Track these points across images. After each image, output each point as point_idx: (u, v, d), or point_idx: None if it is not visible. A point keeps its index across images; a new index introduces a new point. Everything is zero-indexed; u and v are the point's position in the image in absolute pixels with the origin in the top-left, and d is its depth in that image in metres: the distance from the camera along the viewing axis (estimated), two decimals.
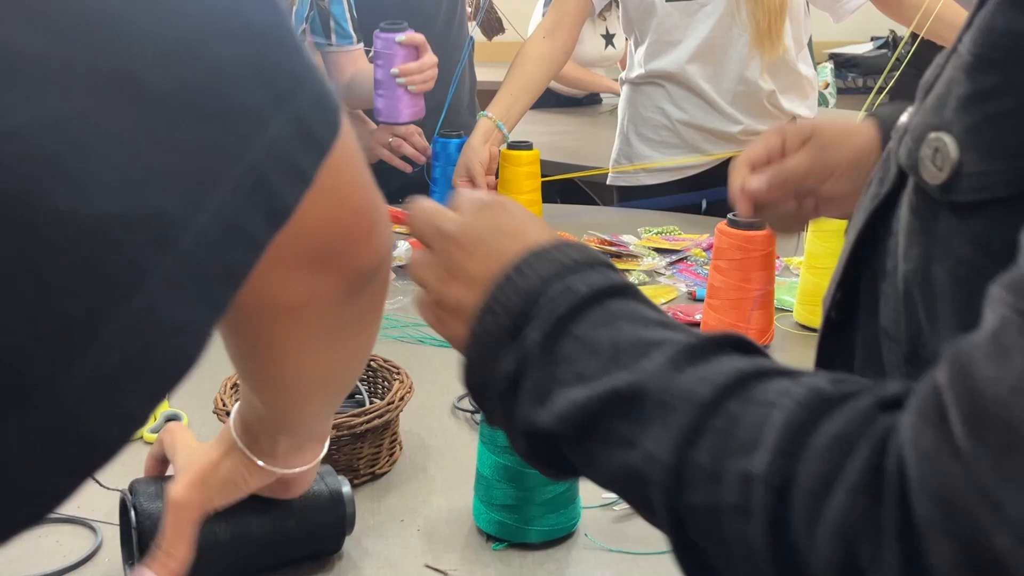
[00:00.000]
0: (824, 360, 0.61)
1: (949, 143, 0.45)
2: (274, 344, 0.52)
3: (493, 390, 0.55)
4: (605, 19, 3.16)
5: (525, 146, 1.93)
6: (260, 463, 0.69)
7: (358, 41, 1.98)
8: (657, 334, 0.51)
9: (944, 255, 0.46)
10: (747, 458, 0.43)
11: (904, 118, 0.53)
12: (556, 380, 0.52)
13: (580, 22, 2.05)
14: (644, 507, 0.49)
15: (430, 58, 1.80)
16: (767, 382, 0.46)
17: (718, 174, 2.06)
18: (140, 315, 0.37)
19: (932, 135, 0.46)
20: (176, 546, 0.67)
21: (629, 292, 0.55)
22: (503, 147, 1.94)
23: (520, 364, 0.53)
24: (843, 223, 1.34)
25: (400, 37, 1.76)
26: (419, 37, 1.78)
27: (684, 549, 0.47)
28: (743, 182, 0.89)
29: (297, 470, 0.72)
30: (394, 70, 1.76)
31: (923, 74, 0.52)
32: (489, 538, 0.92)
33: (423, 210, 0.62)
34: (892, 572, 0.38)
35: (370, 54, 1.89)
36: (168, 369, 0.39)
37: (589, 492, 0.96)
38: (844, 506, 0.39)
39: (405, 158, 2.01)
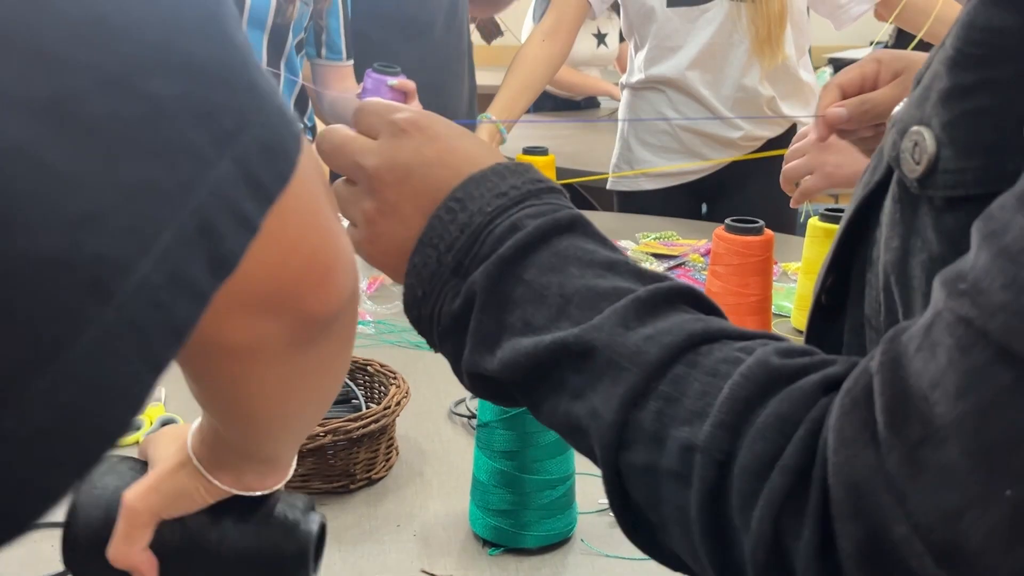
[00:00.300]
0: (812, 344, 0.62)
1: (927, 137, 0.45)
2: (224, 382, 0.49)
3: (438, 326, 0.54)
4: (595, 18, 3.15)
5: (540, 151, 1.93)
6: (215, 481, 0.65)
7: (349, 58, 1.99)
8: (607, 282, 0.50)
9: (920, 248, 0.47)
10: (690, 427, 0.44)
11: (897, 109, 0.53)
12: (504, 326, 0.51)
13: (578, 25, 2.06)
14: (587, 454, 0.50)
15: (416, 108, 1.82)
16: (716, 347, 0.46)
17: (718, 179, 2.07)
18: (73, 372, 0.33)
19: (913, 128, 0.46)
20: (120, 548, 0.65)
21: (576, 226, 0.53)
22: (519, 152, 1.95)
23: (466, 304, 0.52)
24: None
25: (392, 81, 1.75)
26: (410, 85, 1.75)
27: (621, 503, 0.47)
28: (827, 107, 0.91)
29: (257, 494, 0.68)
30: None
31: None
32: (485, 543, 0.91)
33: (335, 144, 0.58)
34: (809, 551, 0.38)
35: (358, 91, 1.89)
36: (98, 436, 0.35)
37: (586, 497, 0.96)
38: (778, 486, 0.40)
39: None
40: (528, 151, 1.93)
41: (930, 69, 0.48)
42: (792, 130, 2.07)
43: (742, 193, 2.05)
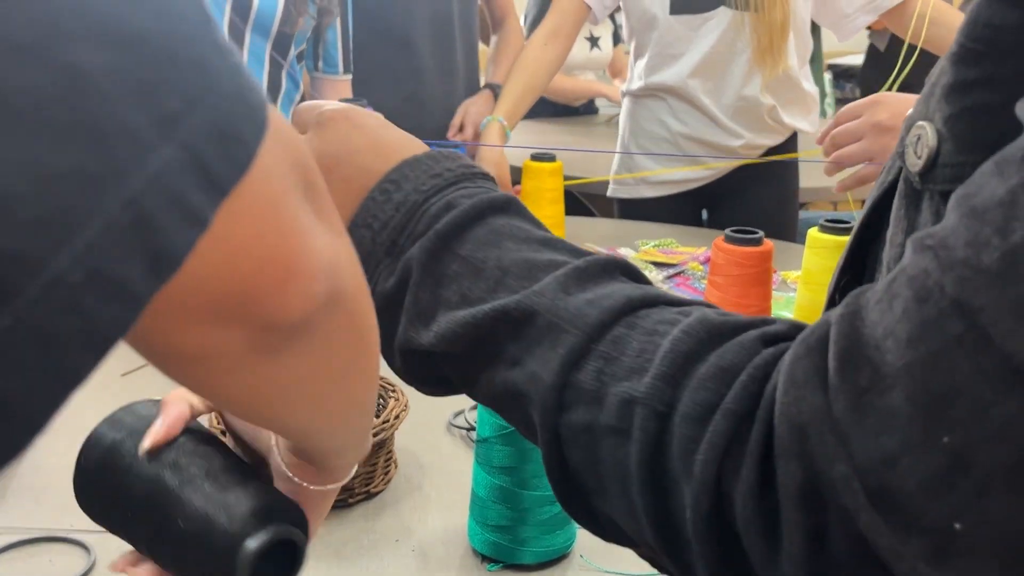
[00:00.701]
0: None
1: (929, 131, 0.46)
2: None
3: (373, 293, 0.53)
4: (596, 23, 3.14)
5: (548, 157, 1.93)
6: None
7: (346, 72, 2.00)
8: (544, 256, 0.51)
9: None
10: (630, 382, 0.44)
11: (912, 110, 0.54)
12: (440, 300, 0.51)
13: (578, 29, 2.07)
14: (524, 426, 0.49)
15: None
16: (655, 310, 0.47)
17: (719, 187, 2.07)
18: None
19: (917, 123, 0.47)
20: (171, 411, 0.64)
21: (512, 207, 0.53)
22: (527, 159, 1.96)
23: (400, 282, 0.52)
24: (842, 239, 1.34)
25: None
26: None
27: (558, 468, 0.47)
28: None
29: (312, 487, 0.64)
30: None
31: (923, 85, 0.53)
32: (484, 559, 0.91)
33: None
34: (748, 489, 0.39)
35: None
36: None
37: None
38: (719, 429, 0.40)
39: None
40: (536, 157, 1.94)
41: (937, 68, 0.49)
42: (793, 138, 2.07)
43: (743, 200, 2.06)
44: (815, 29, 2.11)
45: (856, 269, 0.58)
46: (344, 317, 0.44)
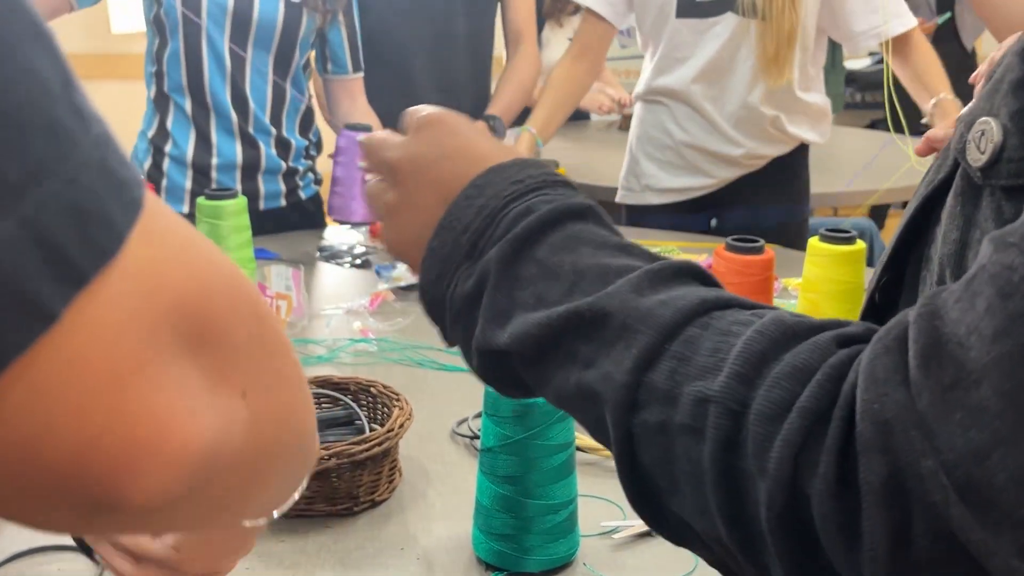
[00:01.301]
0: None
1: (994, 126, 0.47)
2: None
3: (450, 309, 0.55)
4: (562, 25, 3.13)
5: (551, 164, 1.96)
6: None
7: (356, 71, 2.01)
8: (619, 260, 0.51)
9: (978, 240, 0.48)
10: (704, 381, 0.44)
11: (964, 110, 0.55)
12: (516, 302, 0.52)
13: (605, 43, 2.11)
14: (596, 427, 0.50)
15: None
16: (729, 312, 0.47)
17: (724, 195, 2.07)
18: None
19: (981, 119, 0.48)
20: None
21: (590, 214, 0.54)
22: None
23: (479, 284, 0.53)
24: (844, 249, 1.35)
25: (361, 137, 1.78)
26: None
27: (630, 468, 0.48)
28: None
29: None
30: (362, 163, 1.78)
31: None
32: (488, 567, 0.92)
33: (371, 141, 0.61)
34: (827, 487, 0.39)
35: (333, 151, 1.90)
36: None
37: (588, 521, 0.96)
38: (795, 427, 0.41)
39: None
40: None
41: (1003, 64, 0.49)
42: (801, 148, 2.08)
43: (751, 207, 2.06)
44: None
45: (899, 268, 0.58)
46: (235, 479, 0.35)
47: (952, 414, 0.37)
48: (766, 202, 2.06)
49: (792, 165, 2.08)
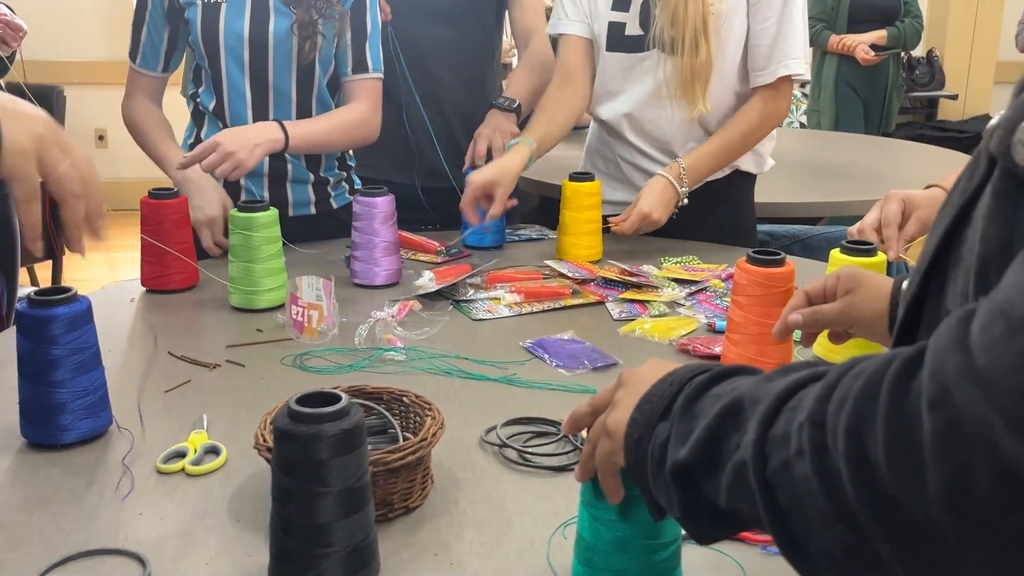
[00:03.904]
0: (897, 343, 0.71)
1: None
2: None
3: (652, 462, 0.68)
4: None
5: (587, 178, 1.97)
6: None
7: (374, 70, 2.04)
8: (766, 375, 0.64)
9: None
10: (800, 417, 0.54)
11: (995, 119, 0.60)
12: (693, 426, 0.65)
13: (588, 66, 2.09)
14: (750, 501, 0.58)
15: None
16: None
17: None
18: None
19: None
20: None
21: (744, 371, 0.69)
22: (565, 179, 1.99)
23: (670, 429, 0.67)
24: (865, 260, 1.37)
25: (378, 200, 1.81)
26: (390, 200, 1.83)
27: (774, 514, 0.56)
28: (790, 312, 1.17)
29: None
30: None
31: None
32: None
33: (573, 422, 0.86)
34: (892, 446, 0.47)
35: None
36: None
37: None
38: (892, 378, 0.49)
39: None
40: (574, 177, 1.98)
41: None
42: (735, 175, 2.09)
43: (701, 218, 2.07)
44: None
45: (941, 271, 0.63)
46: None
47: (1002, 361, 0.42)
48: (715, 211, 2.08)
49: (728, 193, 2.08)
